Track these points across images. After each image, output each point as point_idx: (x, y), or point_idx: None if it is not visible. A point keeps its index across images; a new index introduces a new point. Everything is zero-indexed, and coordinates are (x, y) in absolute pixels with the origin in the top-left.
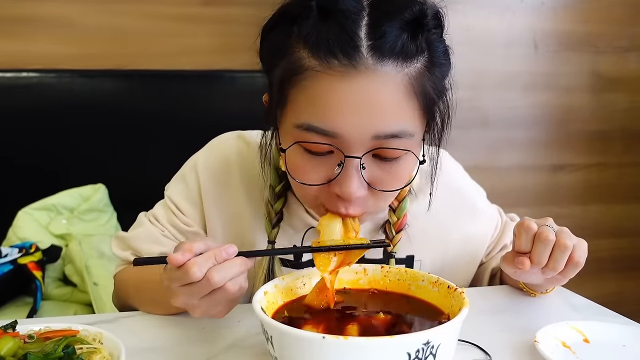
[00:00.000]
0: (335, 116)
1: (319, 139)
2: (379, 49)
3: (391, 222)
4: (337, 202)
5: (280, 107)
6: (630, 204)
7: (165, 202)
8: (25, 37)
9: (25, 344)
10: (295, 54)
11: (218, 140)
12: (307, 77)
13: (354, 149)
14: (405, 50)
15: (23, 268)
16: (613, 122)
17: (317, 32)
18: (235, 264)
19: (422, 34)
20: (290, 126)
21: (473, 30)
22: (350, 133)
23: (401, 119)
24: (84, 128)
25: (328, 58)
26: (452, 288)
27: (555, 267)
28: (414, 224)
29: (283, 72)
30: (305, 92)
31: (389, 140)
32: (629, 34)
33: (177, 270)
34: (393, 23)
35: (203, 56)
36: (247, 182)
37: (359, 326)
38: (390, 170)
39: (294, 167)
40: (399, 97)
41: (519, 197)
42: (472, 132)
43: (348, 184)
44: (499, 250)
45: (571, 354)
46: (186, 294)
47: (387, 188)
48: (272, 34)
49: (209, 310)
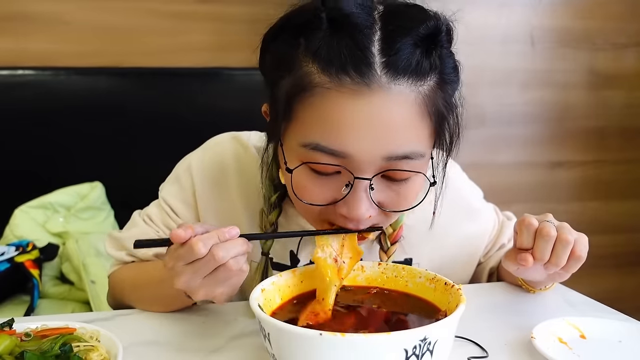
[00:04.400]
0: (345, 136)
1: (328, 159)
2: (393, 67)
3: (386, 234)
4: (346, 221)
5: (285, 122)
6: (627, 200)
7: (160, 202)
8: (21, 35)
9: (22, 342)
10: (304, 68)
11: (213, 142)
12: (315, 94)
13: (363, 170)
14: (419, 67)
15: (20, 266)
16: (610, 119)
17: (328, 47)
18: (238, 243)
19: (435, 50)
20: (296, 144)
21: (470, 26)
22: (360, 154)
23: (413, 139)
24: (80, 126)
25: (340, 75)
26: (449, 285)
27: (558, 263)
28: (411, 227)
29: (290, 88)
30: (314, 110)
31: (400, 162)
32: (626, 31)
33: (181, 248)
34: (407, 39)
35: (200, 54)
36: (245, 187)
37: (356, 323)
38: (399, 191)
39: (299, 187)
40: (412, 117)
41: (516, 194)
42: (469, 130)
43: (357, 207)
44: (497, 249)
45: (568, 349)
46: (190, 272)
47: (396, 209)
48: (276, 44)
49: (211, 291)
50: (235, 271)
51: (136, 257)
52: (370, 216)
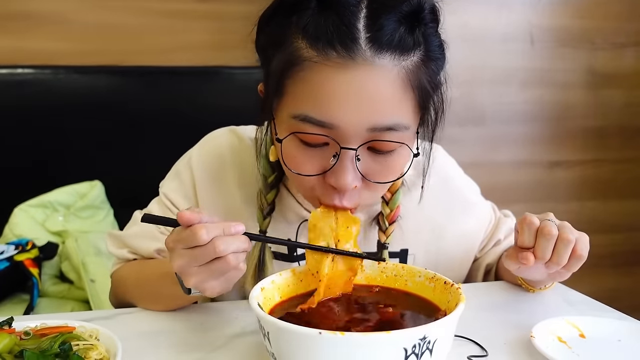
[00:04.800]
0: (331, 107)
1: (315, 129)
2: (377, 42)
3: (384, 214)
4: (332, 193)
5: (277, 97)
6: (626, 199)
7: (160, 198)
8: (21, 34)
9: (21, 341)
10: (294, 44)
11: (211, 136)
12: (304, 67)
13: (349, 140)
14: (402, 43)
15: (19, 265)
16: (609, 118)
17: (316, 23)
18: (240, 240)
19: (419, 27)
20: (287, 117)
21: (469, 26)
22: (346, 124)
23: (397, 111)
24: (79, 124)
25: (326, 49)
26: (448, 284)
27: (559, 262)
28: (407, 217)
29: (281, 63)
30: (303, 83)
31: (385, 133)
32: (625, 30)
33: (184, 231)
34: (391, 16)
35: (199, 52)
36: (240, 176)
37: (356, 322)
38: (384, 163)
39: (289, 157)
40: (395, 89)
41: (515, 193)
42: (468, 128)
43: (343, 175)
44: (493, 245)
45: (567, 348)
46: (188, 257)
47: (381, 180)
48: (270, 24)
49: (203, 281)
50: (232, 266)
51: (138, 255)
52: (356, 186)
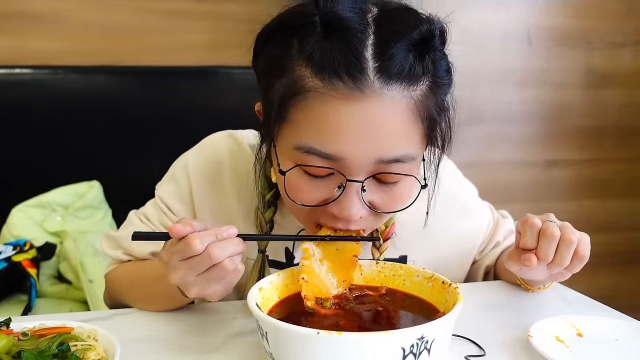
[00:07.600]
0: (338, 140)
1: (320, 162)
2: (386, 72)
3: (379, 231)
4: (336, 221)
5: (278, 123)
6: (623, 199)
7: (156, 201)
8: (19, 34)
9: (19, 342)
10: (297, 72)
11: (209, 140)
12: (308, 97)
13: (355, 172)
14: (412, 72)
15: (17, 265)
16: (606, 117)
17: (321, 51)
18: (234, 243)
19: (428, 54)
20: (289, 147)
21: (467, 25)
22: (353, 157)
23: (405, 143)
24: (77, 124)
25: (333, 79)
26: (446, 283)
27: (562, 263)
28: (406, 224)
29: (283, 90)
30: (307, 114)
31: (391, 165)
32: (622, 30)
33: (178, 243)
34: (401, 44)
35: (197, 52)
36: (238, 183)
37: (354, 321)
38: (391, 193)
39: (292, 188)
40: (403, 121)
41: (512, 192)
42: (466, 128)
43: (349, 207)
44: (492, 247)
45: (565, 348)
46: (185, 268)
47: (388, 210)
48: (270, 46)
49: (204, 288)
50: (230, 270)
51: (132, 256)
52: (361, 217)
